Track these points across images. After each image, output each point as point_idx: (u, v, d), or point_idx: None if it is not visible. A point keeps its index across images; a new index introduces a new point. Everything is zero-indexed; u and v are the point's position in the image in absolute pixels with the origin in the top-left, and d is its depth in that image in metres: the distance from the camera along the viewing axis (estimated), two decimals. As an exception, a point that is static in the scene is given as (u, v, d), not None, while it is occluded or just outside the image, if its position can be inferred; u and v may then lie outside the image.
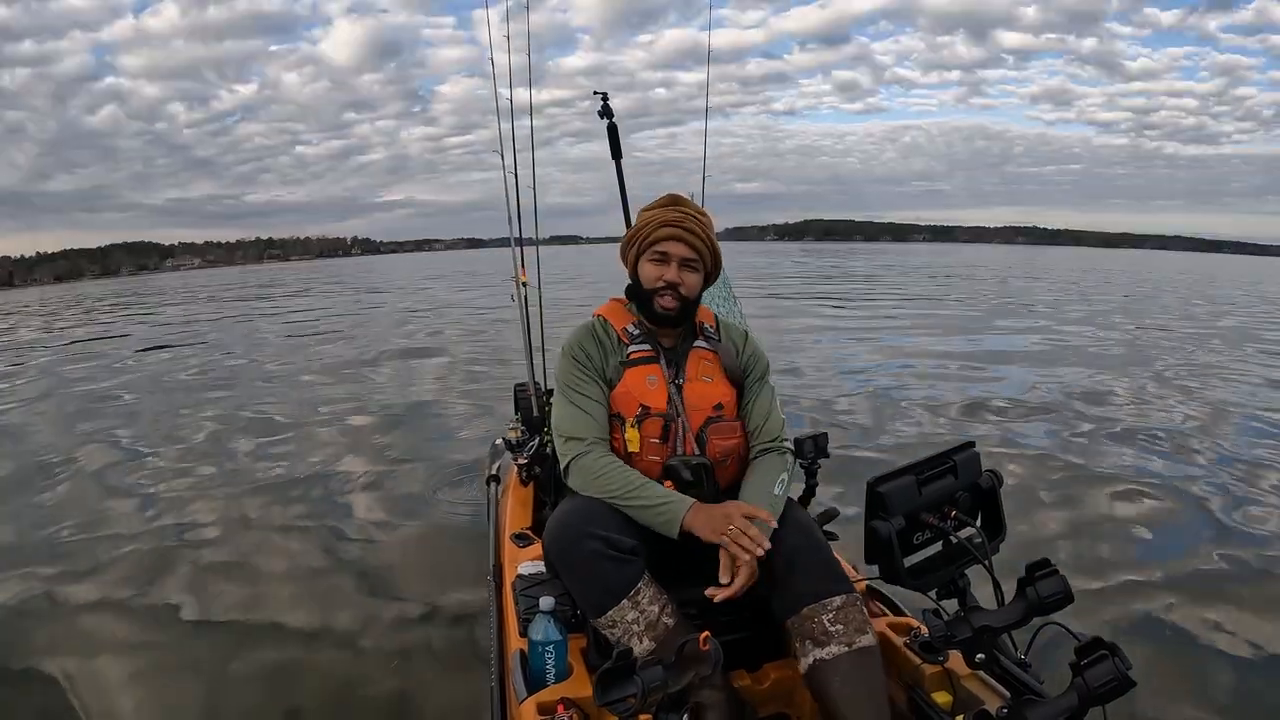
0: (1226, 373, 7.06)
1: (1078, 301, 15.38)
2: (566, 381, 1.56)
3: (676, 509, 1.38)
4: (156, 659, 2.30)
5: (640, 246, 1.58)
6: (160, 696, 2.13)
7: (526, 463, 2.32)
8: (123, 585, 2.79)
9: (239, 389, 6.91)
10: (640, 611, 1.34)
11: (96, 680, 2.18)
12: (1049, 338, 9.34)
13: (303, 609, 2.59)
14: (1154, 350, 8.43)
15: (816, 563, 1.38)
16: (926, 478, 1.36)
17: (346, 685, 2.14)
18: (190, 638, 2.43)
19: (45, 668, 2.24)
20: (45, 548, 3.20)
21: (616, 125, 2.71)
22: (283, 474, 4.17)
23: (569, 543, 1.37)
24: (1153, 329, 10.66)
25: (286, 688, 2.14)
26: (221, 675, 2.20)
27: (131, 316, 17.86)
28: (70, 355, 10.50)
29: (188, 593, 2.74)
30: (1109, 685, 1.01)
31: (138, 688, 2.16)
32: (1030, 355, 7.98)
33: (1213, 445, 4.48)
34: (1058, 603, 1.15)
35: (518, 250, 2.76)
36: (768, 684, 1.50)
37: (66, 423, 5.80)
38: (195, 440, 5.03)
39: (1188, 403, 5.66)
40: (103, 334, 13.67)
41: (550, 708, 1.25)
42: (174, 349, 10.44)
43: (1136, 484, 3.73)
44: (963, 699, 1.32)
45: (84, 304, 25.30)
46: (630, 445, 1.51)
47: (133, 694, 2.13)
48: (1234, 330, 10.81)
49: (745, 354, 1.64)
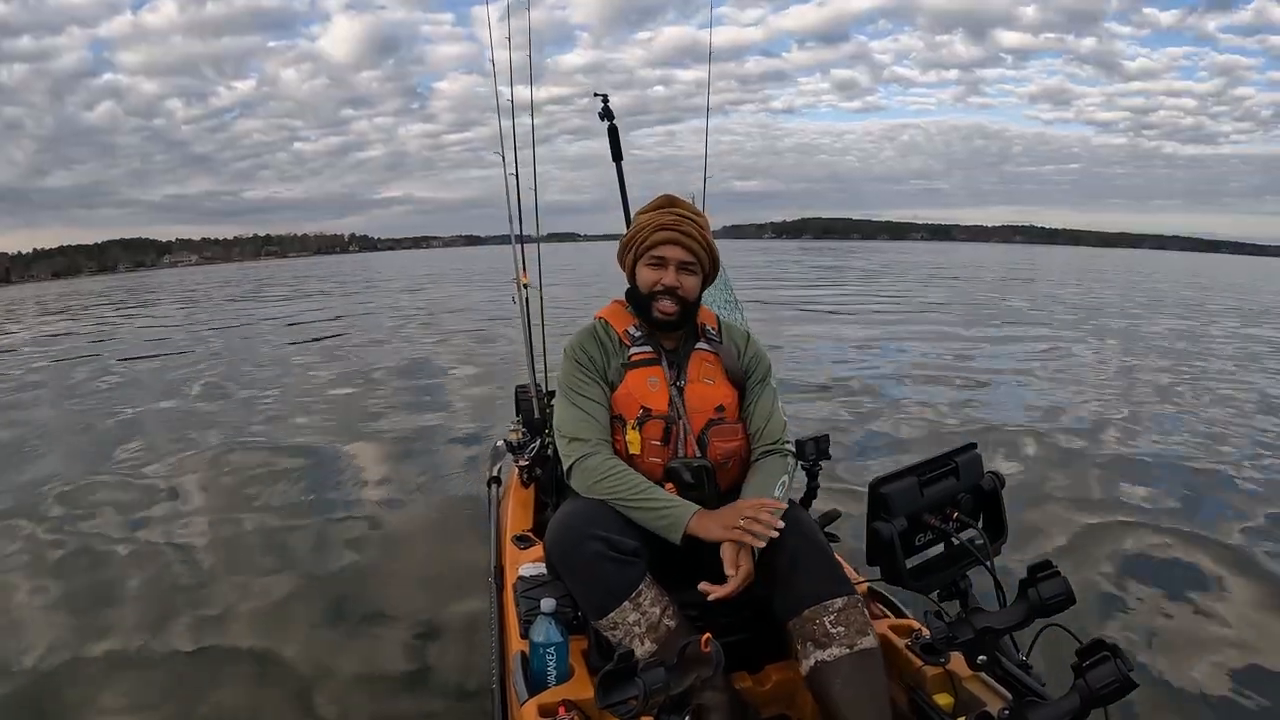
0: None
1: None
2: (568, 383, 1.56)
3: (680, 515, 1.38)
4: (159, 671, 2.28)
5: (637, 251, 1.57)
6: (160, 697, 2.12)
7: (527, 464, 2.32)
8: (129, 615, 2.74)
9: (233, 380, 6.89)
10: (642, 613, 1.34)
11: (85, 683, 2.18)
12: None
13: (301, 610, 2.59)
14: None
15: (818, 564, 1.38)
16: (928, 479, 1.36)
17: (345, 687, 2.14)
18: (189, 637, 2.43)
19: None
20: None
21: (617, 127, 2.70)
22: (281, 475, 4.16)
23: (570, 544, 1.37)
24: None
25: (286, 689, 2.14)
26: (220, 676, 2.20)
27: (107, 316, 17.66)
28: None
29: (188, 592, 2.74)
30: (1111, 687, 1.01)
31: (140, 694, 2.16)
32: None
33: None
34: (1059, 604, 1.15)
35: (518, 247, 2.75)
36: (769, 685, 1.50)
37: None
38: (202, 427, 5.01)
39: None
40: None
41: (551, 710, 1.25)
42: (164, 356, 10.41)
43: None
44: (964, 701, 1.32)
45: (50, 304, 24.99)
46: (631, 447, 1.51)
47: (132, 697, 2.13)
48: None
49: (747, 355, 1.64)
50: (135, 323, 15.45)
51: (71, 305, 23.23)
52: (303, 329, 11.96)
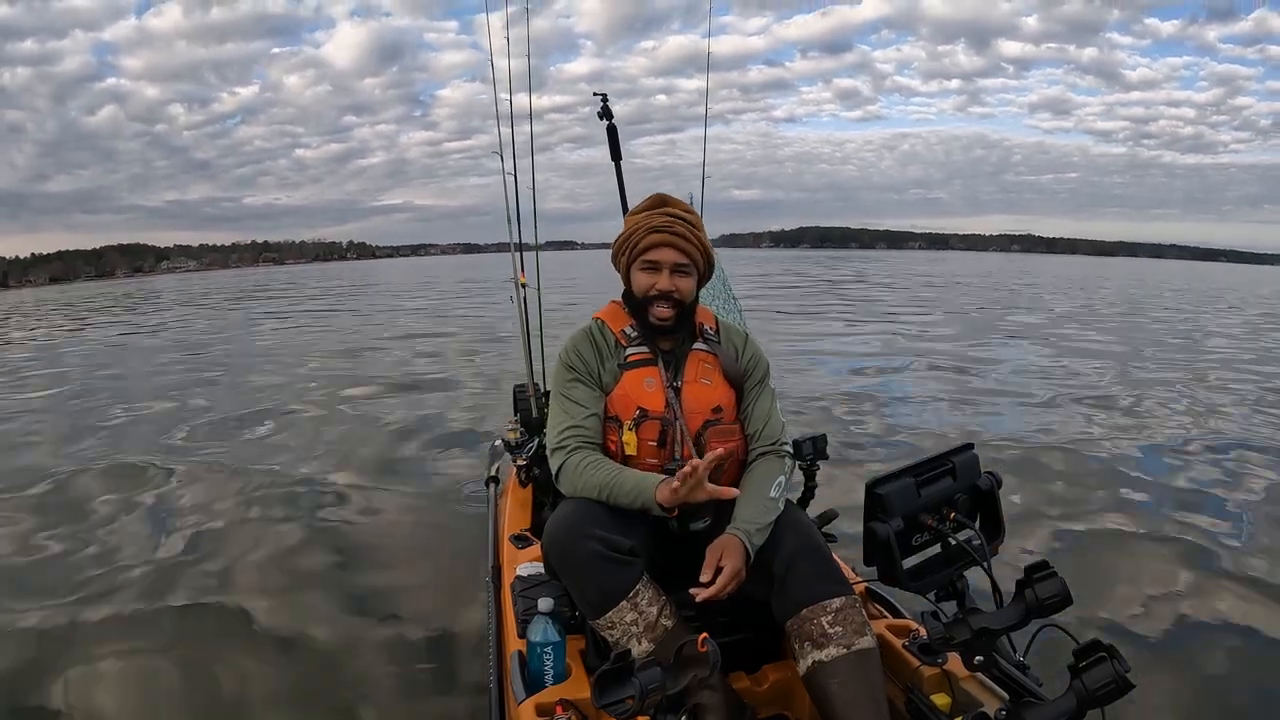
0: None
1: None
2: (558, 387, 1.56)
3: (647, 487, 1.38)
4: (155, 661, 2.28)
5: (631, 255, 1.55)
6: (159, 697, 2.12)
7: (525, 464, 2.32)
8: (128, 599, 2.75)
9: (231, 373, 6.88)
10: (639, 613, 1.34)
11: (84, 681, 2.17)
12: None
13: (300, 610, 2.58)
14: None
15: (815, 564, 1.38)
16: (925, 479, 1.36)
17: (345, 686, 2.13)
18: (187, 638, 2.42)
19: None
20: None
21: (616, 127, 2.72)
22: (279, 474, 4.15)
23: (568, 544, 1.37)
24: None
25: (284, 689, 2.13)
26: (218, 676, 2.19)
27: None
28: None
29: (187, 591, 2.72)
30: (1107, 687, 1.01)
31: (136, 692, 2.15)
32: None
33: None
34: (1056, 605, 1.15)
35: (517, 255, 2.76)
36: (766, 685, 1.49)
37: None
38: (202, 429, 5.00)
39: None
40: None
41: (549, 709, 1.25)
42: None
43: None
44: (961, 701, 1.32)
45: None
46: (628, 448, 1.50)
47: (130, 696, 2.12)
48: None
49: (745, 357, 1.63)
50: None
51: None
52: (303, 328, 11.96)
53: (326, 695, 2.10)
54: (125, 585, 2.81)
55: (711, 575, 1.34)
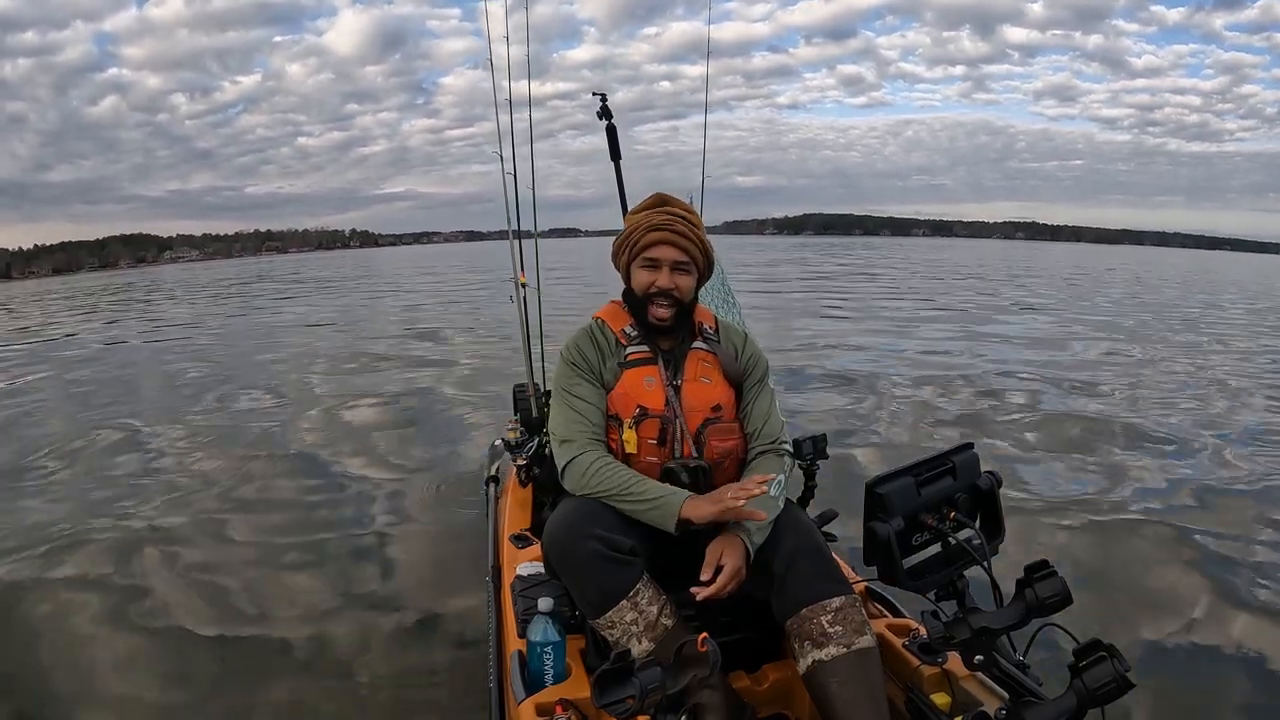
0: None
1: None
2: (561, 385, 1.56)
3: (673, 502, 1.38)
4: (156, 659, 2.30)
5: (631, 253, 1.56)
6: (158, 697, 2.13)
7: (525, 463, 2.32)
8: (116, 581, 2.78)
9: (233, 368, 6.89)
10: (639, 612, 1.34)
11: (85, 681, 2.19)
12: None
13: (300, 609, 2.59)
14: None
15: (815, 563, 1.38)
16: (925, 479, 1.36)
17: (345, 686, 2.14)
18: (186, 637, 2.43)
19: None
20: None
21: (615, 126, 2.69)
22: (278, 474, 4.16)
23: (568, 543, 1.37)
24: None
25: (284, 688, 2.14)
26: (217, 676, 2.21)
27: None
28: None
29: (186, 592, 2.74)
30: (1107, 687, 1.01)
31: (133, 685, 2.17)
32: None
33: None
34: (1056, 604, 1.15)
35: (516, 244, 2.74)
36: (766, 685, 1.50)
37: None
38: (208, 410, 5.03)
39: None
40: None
41: (548, 709, 1.25)
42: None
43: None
44: (961, 700, 1.32)
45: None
46: (628, 446, 1.50)
47: (127, 692, 2.14)
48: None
49: (745, 356, 1.63)
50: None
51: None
52: (301, 328, 11.94)
53: (325, 694, 2.10)
54: (118, 578, 2.83)
55: (711, 574, 1.35)
